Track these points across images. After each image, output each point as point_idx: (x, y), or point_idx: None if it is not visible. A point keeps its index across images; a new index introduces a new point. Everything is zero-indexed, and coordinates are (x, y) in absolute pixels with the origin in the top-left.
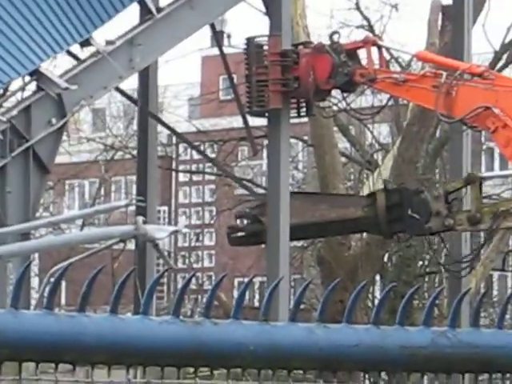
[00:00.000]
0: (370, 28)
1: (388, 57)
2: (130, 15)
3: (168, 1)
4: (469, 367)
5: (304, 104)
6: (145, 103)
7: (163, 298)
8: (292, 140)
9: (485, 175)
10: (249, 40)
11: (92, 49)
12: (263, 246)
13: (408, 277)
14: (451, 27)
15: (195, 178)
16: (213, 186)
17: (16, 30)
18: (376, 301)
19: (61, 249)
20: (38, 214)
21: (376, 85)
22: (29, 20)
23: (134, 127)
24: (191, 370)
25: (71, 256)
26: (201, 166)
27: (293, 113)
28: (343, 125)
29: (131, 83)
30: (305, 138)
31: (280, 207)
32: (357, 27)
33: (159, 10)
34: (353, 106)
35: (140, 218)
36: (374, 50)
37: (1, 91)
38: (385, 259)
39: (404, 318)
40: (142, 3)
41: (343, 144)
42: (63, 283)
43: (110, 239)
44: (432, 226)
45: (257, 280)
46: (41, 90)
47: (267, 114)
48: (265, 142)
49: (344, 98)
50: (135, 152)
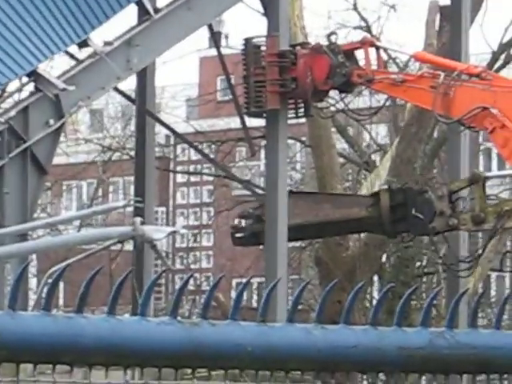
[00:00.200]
0: (368, 29)
1: (386, 57)
2: (128, 16)
3: (166, 2)
4: (467, 368)
5: (302, 105)
6: (142, 104)
7: (161, 299)
8: (290, 141)
9: (489, 174)
10: (246, 41)
11: (90, 50)
12: (261, 247)
13: (406, 277)
14: (449, 28)
15: (193, 179)
16: (211, 187)
17: (14, 31)
18: (374, 301)
19: (58, 250)
20: (36, 215)
21: (374, 85)
22: (26, 21)
23: (132, 128)
24: (189, 371)
25: (69, 257)
26: (199, 167)
27: (291, 113)
28: (341, 125)
29: (129, 84)
30: (303, 139)
31: (278, 208)
32: (354, 28)
33: (157, 11)
34: (350, 107)
35: (138, 219)
36: (372, 51)
37: None
38: (383, 260)
39: (402, 319)
40: (140, 4)
41: (341, 144)
42: (61, 284)
43: (108, 240)
44: (436, 226)
45: (255, 281)
46: (38, 91)
47: (265, 115)
48: (263, 143)
49: (342, 99)
50: (133, 153)
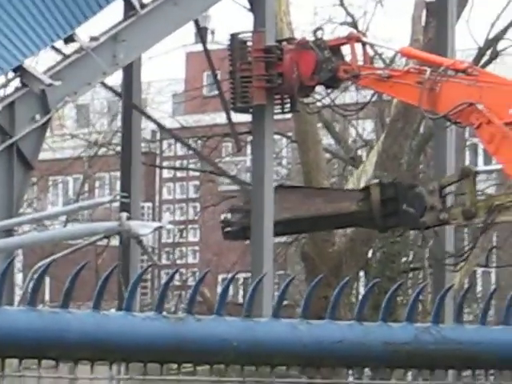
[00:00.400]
0: (354, 24)
1: (372, 53)
2: (114, 11)
3: None
4: (452, 363)
5: (288, 100)
6: (129, 99)
7: (147, 295)
8: (276, 136)
9: (479, 169)
10: (233, 36)
11: (76, 45)
12: (247, 243)
13: (392, 273)
14: (435, 23)
15: (179, 175)
16: (197, 183)
17: None
18: (360, 297)
19: (44, 245)
20: (22, 210)
21: (360, 81)
22: (12, 16)
23: (118, 123)
24: (174, 366)
25: (55, 252)
26: (185, 163)
27: (277, 109)
28: (327, 121)
29: (115, 79)
30: (289, 134)
31: (264, 203)
32: (341, 24)
33: (143, 6)
34: (337, 102)
35: (124, 214)
36: (358, 47)
37: None
38: (369, 255)
39: (387, 314)
40: None
41: (327, 140)
42: (47, 279)
43: (94, 235)
44: (427, 221)
45: (241, 276)
46: (24, 87)
47: (251, 110)
48: (249, 138)
49: (328, 94)
50: (119, 148)
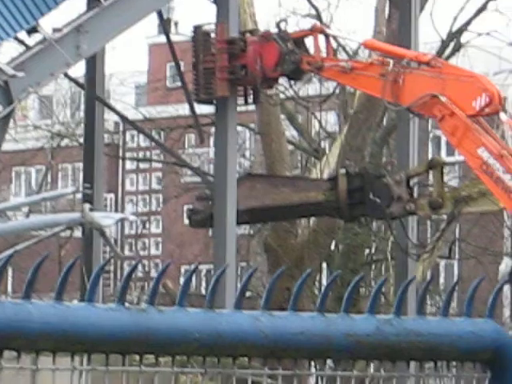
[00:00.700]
0: (318, 16)
1: (335, 45)
2: (77, 2)
3: None
4: (414, 355)
5: (251, 92)
6: (92, 90)
7: (109, 286)
8: (239, 128)
9: (447, 160)
10: (196, 28)
11: (39, 36)
12: (210, 234)
13: (354, 265)
14: (398, 15)
15: (142, 166)
16: (160, 174)
17: None
18: (323, 288)
19: (7, 236)
20: None
21: (323, 73)
22: None
23: (81, 115)
24: (137, 358)
25: (17, 243)
26: (148, 154)
27: (240, 100)
28: (290, 113)
29: (78, 70)
30: (252, 126)
31: (227, 195)
32: (304, 16)
33: None
34: (300, 94)
35: (87, 206)
36: (322, 39)
37: None
38: (332, 247)
39: (350, 306)
40: None
41: (290, 132)
42: (10, 271)
43: (57, 226)
44: (393, 211)
45: (204, 268)
46: None
47: (214, 102)
48: (212, 130)
49: (291, 86)
50: (82, 139)
